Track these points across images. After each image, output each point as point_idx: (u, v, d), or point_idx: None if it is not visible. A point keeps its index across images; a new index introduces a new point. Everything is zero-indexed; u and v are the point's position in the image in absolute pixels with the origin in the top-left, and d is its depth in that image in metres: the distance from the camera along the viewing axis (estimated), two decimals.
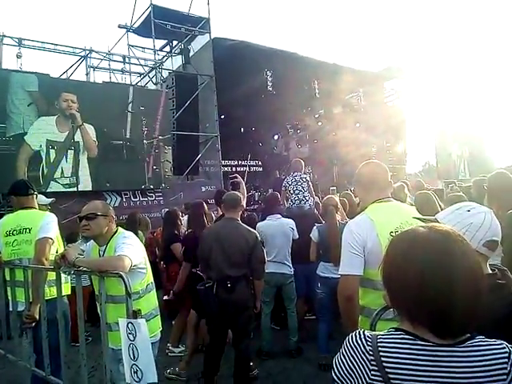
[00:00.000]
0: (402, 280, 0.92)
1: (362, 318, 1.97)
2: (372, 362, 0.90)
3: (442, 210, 2.48)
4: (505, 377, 0.87)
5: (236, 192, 3.80)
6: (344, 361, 0.95)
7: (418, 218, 1.65)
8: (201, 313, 3.95)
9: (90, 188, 8.63)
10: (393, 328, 0.96)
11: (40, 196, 3.61)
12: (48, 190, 7.63)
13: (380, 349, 0.91)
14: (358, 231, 1.97)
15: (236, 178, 5.36)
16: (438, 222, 1.43)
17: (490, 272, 1.40)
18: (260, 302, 3.63)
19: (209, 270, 3.37)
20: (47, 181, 8.13)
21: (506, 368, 0.87)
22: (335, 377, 0.97)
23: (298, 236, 4.39)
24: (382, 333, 0.96)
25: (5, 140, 7.68)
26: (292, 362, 4.16)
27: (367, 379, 0.90)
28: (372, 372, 0.90)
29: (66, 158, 8.40)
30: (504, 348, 0.90)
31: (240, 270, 3.27)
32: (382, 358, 0.90)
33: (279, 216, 4.49)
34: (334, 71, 13.21)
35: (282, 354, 4.32)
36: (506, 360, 0.88)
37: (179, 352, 4.51)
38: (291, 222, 4.44)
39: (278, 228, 4.36)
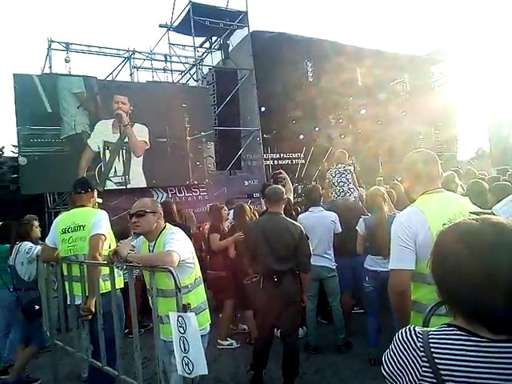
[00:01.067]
0: (457, 276, 0.89)
1: (414, 313, 1.90)
2: (423, 359, 0.89)
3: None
4: None
5: (278, 186, 3.77)
6: (394, 357, 0.95)
7: (474, 213, 1.56)
8: (246, 305, 4.00)
9: (138, 185, 8.94)
10: (445, 324, 0.94)
11: None
12: (104, 189, 8.09)
13: (431, 345, 0.90)
14: (408, 224, 1.90)
15: (281, 173, 5.35)
16: (494, 214, 1.35)
17: None
18: (306, 296, 3.60)
19: (255, 264, 3.39)
20: (103, 180, 8.54)
21: None
22: (385, 373, 0.96)
23: (340, 230, 4.30)
24: (433, 329, 0.94)
25: (59, 142, 8.12)
26: (341, 357, 4.11)
27: (418, 375, 0.89)
28: (423, 368, 0.89)
29: (119, 158, 8.77)
30: None
31: (286, 264, 3.26)
32: (434, 355, 0.88)
33: (321, 208, 4.43)
34: (376, 57, 12.83)
35: (331, 349, 4.27)
36: None
37: (228, 344, 4.59)
38: (333, 215, 4.35)
39: (318, 220, 4.29)
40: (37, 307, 3.81)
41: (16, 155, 15.00)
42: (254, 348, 3.59)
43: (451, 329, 0.91)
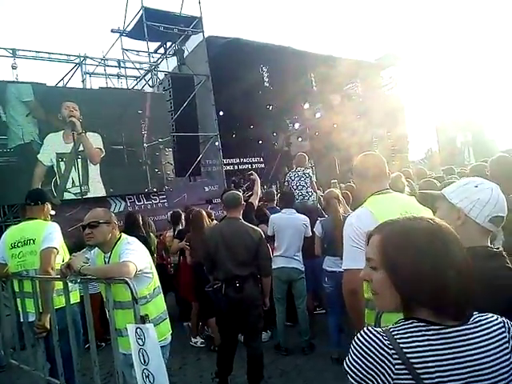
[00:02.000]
0: (416, 271, 0.92)
1: (368, 310, 1.97)
2: (394, 356, 0.88)
3: None
4: (507, 345, 0.92)
5: (236, 191, 3.79)
6: (361, 361, 0.91)
7: (425, 193, 1.65)
8: (208, 313, 4.00)
9: (97, 194, 8.67)
10: (402, 319, 0.96)
11: None
12: (63, 200, 7.74)
13: (398, 341, 0.89)
14: (358, 224, 1.97)
15: (252, 174, 5.40)
16: (445, 197, 1.45)
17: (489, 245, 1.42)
18: (268, 298, 3.62)
19: (215, 270, 3.38)
20: (61, 192, 8.18)
21: (505, 337, 0.93)
22: (353, 380, 0.91)
23: (310, 233, 4.32)
24: (391, 326, 0.95)
25: (6, 152, 7.71)
26: (305, 358, 4.17)
27: (392, 375, 0.87)
28: (396, 366, 0.87)
29: (75, 168, 8.44)
30: (497, 319, 0.96)
31: (247, 269, 3.28)
32: (404, 350, 0.88)
33: (294, 211, 4.46)
34: (329, 62, 13.16)
35: (295, 351, 4.32)
36: (503, 329, 0.94)
37: (201, 343, 4.67)
38: (306, 219, 4.39)
39: (290, 222, 4.33)
40: None
41: None
42: (217, 355, 3.57)
43: (409, 322, 0.93)
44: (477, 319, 0.94)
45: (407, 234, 0.97)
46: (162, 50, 13.27)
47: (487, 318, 0.95)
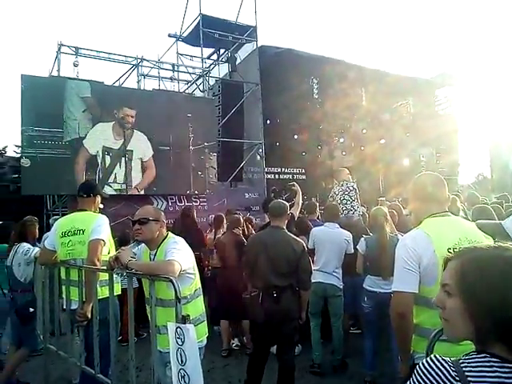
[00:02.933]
0: (496, 301, 0.87)
1: (415, 336, 1.88)
2: None
3: None
4: None
5: (282, 200, 3.76)
6: None
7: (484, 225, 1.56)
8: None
9: (138, 192, 8.93)
10: (474, 351, 0.91)
11: None
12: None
13: (467, 373, 0.85)
14: (413, 246, 1.88)
15: (294, 185, 5.38)
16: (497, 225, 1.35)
17: None
18: (305, 313, 3.55)
19: (254, 278, 3.35)
20: (101, 185, 8.49)
21: None
22: None
23: (352, 251, 4.20)
24: (462, 357, 0.90)
25: (62, 145, 8.12)
26: (336, 378, 4.05)
27: None
28: None
29: (120, 165, 8.77)
30: None
31: (286, 280, 3.23)
32: None
33: (337, 225, 4.37)
34: (382, 78, 12.95)
35: (327, 369, 4.21)
36: None
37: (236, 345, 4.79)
38: (348, 235, 4.28)
39: (332, 236, 4.24)
40: (31, 310, 3.76)
41: (18, 155, 15.01)
42: (248, 363, 3.53)
43: (482, 356, 0.88)
44: None
45: (490, 262, 0.91)
46: (214, 57, 13.58)
47: None
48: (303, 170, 14.90)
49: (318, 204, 6.05)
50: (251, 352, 3.61)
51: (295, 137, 15.34)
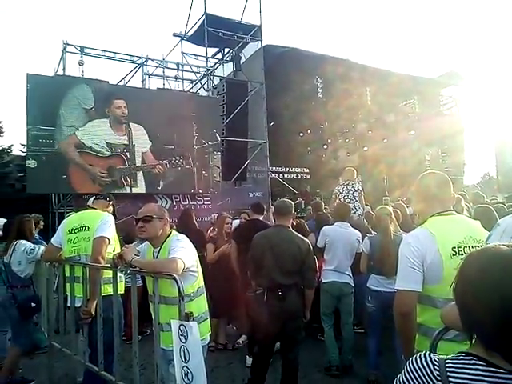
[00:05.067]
0: (476, 305, 0.86)
1: (419, 336, 1.87)
2: None
3: None
4: None
5: (288, 200, 3.76)
6: (408, 383, 0.92)
7: None
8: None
9: (143, 191, 8.94)
10: (462, 352, 0.91)
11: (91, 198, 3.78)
12: (101, 190, 8.02)
13: (449, 373, 0.87)
14: (417, 245, 1.87)
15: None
16: None
17: None
18: (309, 311, 3.53)
19: (259, 276, 3.35)
20: (111, 185, 8.54)
21: None
22: None
23: (361, 250, 4.19)
24: (450, 357, 0.91)
25: (62, 143, 8.11)
26: (341, 377, 4.04)
27: None
28: None
29: (125, 162, 8.77)
30: None
31: (291, 278, 3.22)
32: None
33: (348, 225, 4.36)
34: (387, 78, 12.91)
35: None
36: None
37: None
38: (359, 234, 4.29)
39: (344, 236, 4.23)
40: (33, 304, 3.78)
41: (24, 154, 15.11)
42: (252, 362, 3.53)
43: (469, 358, 0.88)
44: None
45: (484, 261, 0.90)
46: (219, 56, 13.59)
47: None
48: (307, 170, 14.88)
49: (323, 203, 6.04)
50: (256, 351, 3.60)
51: (299, 136, 15.34)
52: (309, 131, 15.00)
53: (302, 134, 15.17)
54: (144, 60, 10.80)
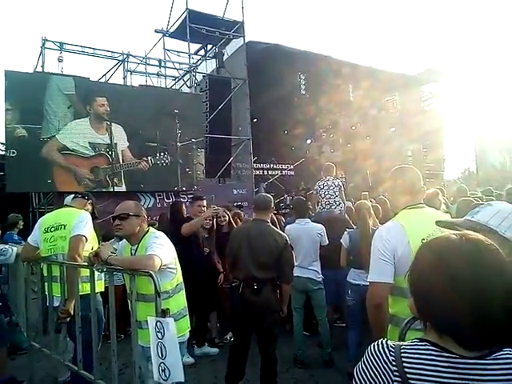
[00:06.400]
0: (429, 289, 0.90)
1: (392, 327, 1.91)
2: (395, 373, 0.89)
3: None
4: None
5: (267, 194, 3.78)
6: (365, 370, 0.94)
7: (440, 221, 1.57)
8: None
9: (124, 189, 8.86)
10: (417, 338, 0.94)
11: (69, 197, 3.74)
12: (87, 191, 7.90)
13: (403, 359, 0.89)
14: (388, 237, 1.92)
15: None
16: (471, 221, 1.37)
17: None
18: (286, 306, 3.55)
19: (236, 269, 3.37)
20: (94, 183, 8.45)
21: None
22: None
23: (327, 242, 4.29)
24: (405, 343, 0.94)
25: (41, 141, 7.97)
26: (321, 370, 4.09)
27: None
28: (395, 383, 0.89)
29: (108, 161, 8.66)
30: None
31: (267, 273, 3.24)
32: (406, 370, 0.88)
33: (308, 220, 4.42)
34: (369, 74, 13.03)
35: (311, 362, 4.24)
36: None
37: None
38: (320, 228, 4.34)
39: (305, 232, 4.28)
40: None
41: (2, 153, 14.77)
42: (229, 356, 3.53)
43: (423, 343, 0.91)
44: (504, 355, 0.86)
45: (436, 251, 0.93)
46: (202, 52, 13.53)
47: None
48: (291, 166, 14.94)
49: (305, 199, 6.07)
50: (232, 344, 3.62)
51: (283, 133, 15.38)
52: (292, 127, 15.04)
53: (285, 131, 15.21)
54: (125, 56, 10.69)
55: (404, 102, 15.43)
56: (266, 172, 14.33)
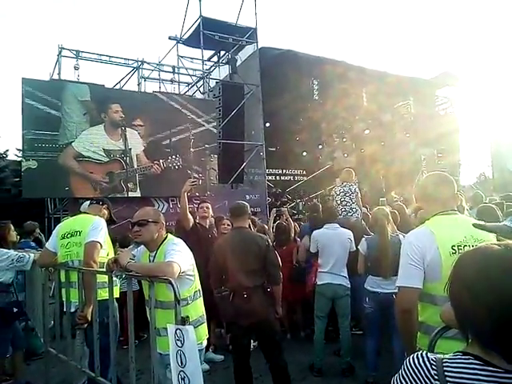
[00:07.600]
0: (472, 303, 0.86)
1: (420, 334, 1.87)
2: None
3: None
4: None
5: (242, 201, 3.72)
6: (405, 383, 0.91)
7: (477, 225, 1.53)
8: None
9: (139, 194, 8.91)
10: (460, 352, 0.90)
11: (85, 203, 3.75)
12: (102, 196, 7.96)
13: (446, 373, 0.86)
14: (417, 243, 1.89)
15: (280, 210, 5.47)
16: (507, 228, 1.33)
17: None
18: (280, 307, 3.48)
19: (225, 279, 3.34)
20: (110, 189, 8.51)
21: None
22: None
23: (355, 248, 4.19)
24: (447, 356, 0.90)
25: (58, 147, 8.08)
26: (338, 379, 4.02)
27: None
28: None
29: (122, 166, 8.72)
30: None
31: (256, 279, 3.23)
32: None
33: (337, 225, 4.35)
34: (383, 79, 12.94)
35: (328, 370, 4.18)
36: None
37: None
38: (349, 233, 4.28)
39: (335, 237, 4.22)
40: (15, 309, 3.72)
41: (19, 159, 15.03)
42: (234, 368, 3.45)
43: (466, 357, 0.87)
44: None
45: (480, 261, 0.89)
46: (215, 59, 13.59)
47: None
48: (304, 172, 14.87)
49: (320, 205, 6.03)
50: (233, 356, 3.50)
51: (296, 138, 15.34)
52: (305, 133, 14.99)
53: (298, 136, 15.17)
54: (140, 63, 10.79)
55: (418, 107, 15.27)
56: (278, 177, 14.29)
